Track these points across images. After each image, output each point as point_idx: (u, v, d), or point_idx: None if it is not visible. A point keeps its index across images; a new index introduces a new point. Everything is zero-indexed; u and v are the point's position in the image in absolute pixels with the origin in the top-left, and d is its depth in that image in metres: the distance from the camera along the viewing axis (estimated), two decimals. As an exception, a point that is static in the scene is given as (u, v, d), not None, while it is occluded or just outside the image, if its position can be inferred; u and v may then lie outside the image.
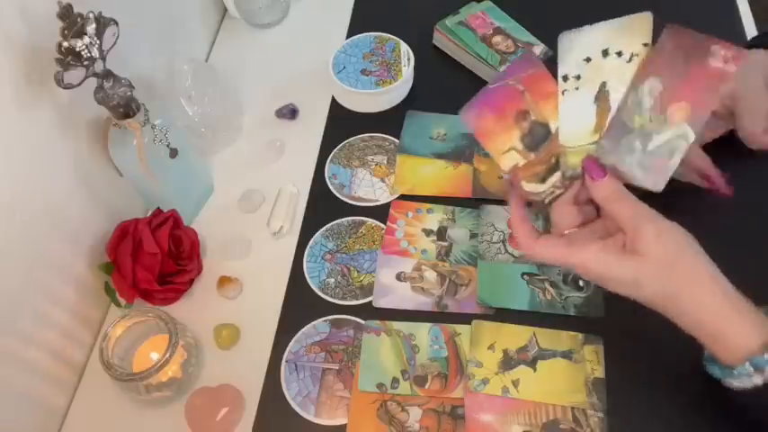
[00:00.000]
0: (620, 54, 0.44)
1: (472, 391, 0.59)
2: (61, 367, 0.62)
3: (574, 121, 0.46)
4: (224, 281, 0.68)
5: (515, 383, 0.60)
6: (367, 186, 0.75)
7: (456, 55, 0.87)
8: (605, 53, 0.44)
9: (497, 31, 0.86)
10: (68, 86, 0.52)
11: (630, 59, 0.44)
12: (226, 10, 0.94)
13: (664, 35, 0.43)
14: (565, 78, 0.45)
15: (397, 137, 0.79)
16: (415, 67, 0.83)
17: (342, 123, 0.82)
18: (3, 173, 0.52)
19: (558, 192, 0.48)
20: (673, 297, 0.45)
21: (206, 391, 0.61)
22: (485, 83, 0.83)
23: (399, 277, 0.68)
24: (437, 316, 0.65)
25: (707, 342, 0.46)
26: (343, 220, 0.73)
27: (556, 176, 0.48)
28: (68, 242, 0.62)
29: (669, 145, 0.44)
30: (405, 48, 0.84)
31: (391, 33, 0.86)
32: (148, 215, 0.69)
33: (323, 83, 0.84)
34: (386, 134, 0.80)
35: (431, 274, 0.68)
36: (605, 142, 0.46)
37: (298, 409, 0.60)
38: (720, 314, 0.44)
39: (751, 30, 0.88)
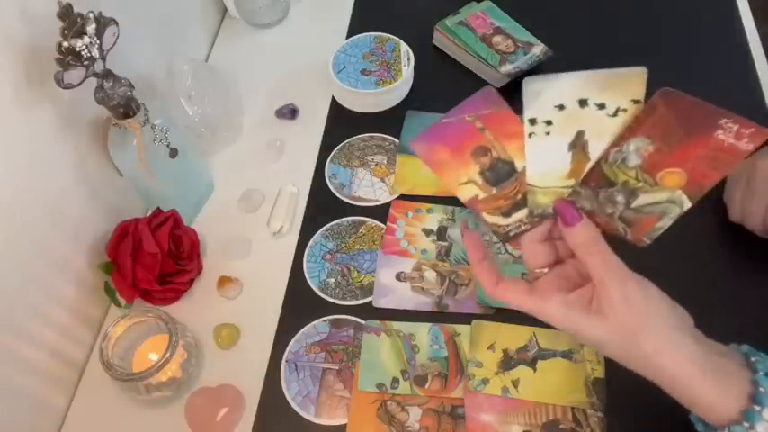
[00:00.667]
0: (602, 107, 0.41)
1: (472, 390, 0.59)
2: (61, 367, 0.62)
3: (544, 164, 0.44)
4: (224, 281, 0.68)
5: (515, 383, 0.60)
6: (367, 186, 0.75)
7: (456, 55, 0.87)
8: (583, 103, 0.41)
9: (497, 31, 0.86)
10: (68, 86, 0.52)
11: (615, 114, 0.41)
12: (226, 10, 0.94)
13: (657, 97, 0.40)
14: (532, 122, 0.42)
15: (397, 137, 0.79)
16: (415, 67, 0.83)
17: (342, 123, 0.82)
18: (3, 172, 0.52)
19: (524, 227, 0.46)
20: (639, 363, 0.43)
21: (206, 391, 0.61)
22: (485, 83, 0.84)
23: (399, 277, 0.68)
24: (437, 316, 0.65)
25: (685, 405, 0.44)
26: (343, 220, 0.73)
27: (522, 213, 0.45)
28: (68, 242, 0.62)
29: (659, 207, 0.42)
30: (405, 48, 0.84)
31: (391, 33, 0.86)
32: (148, 215, 0.69)
33: (323, 83, 0.84)
34: (386, 134, 0.80)
35: (431, 274, 0.68)
36: (583, 189, 0.43)
37: (298, 409, 0.60)
38: (693, 385, 0.42)
39: (751, 29, 0.88)
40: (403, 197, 0.74)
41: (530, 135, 0.43)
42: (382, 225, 0.72)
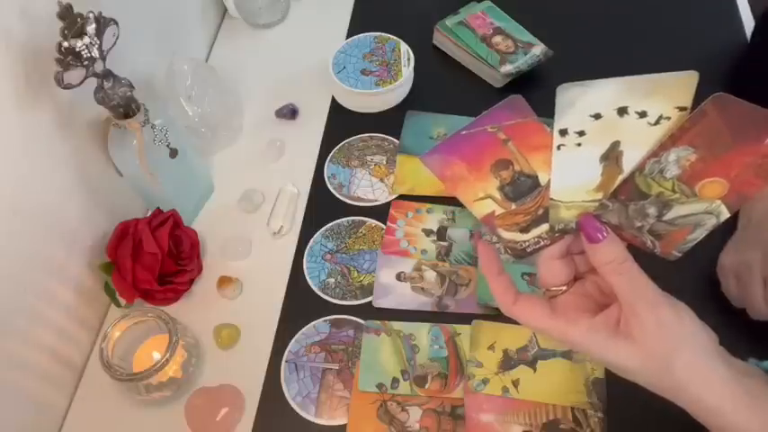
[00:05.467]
0: (643, 114, 0.38)
1: (472, 391, 0.59)
2: (61, 368, 0.62)
3: (571, 177, 0.40)
4: (224, 281, 0.68)
5: (515, 383, 0.60)
6: (366, 186, 0.75)
7: (456, 55, 0.87)
8: (622, 111, 0.38)
9: (497, 31, 0.86)
10: (68, 86, 0.52)
11: (657, 122, 0.38)
12: (226, 10, 0.94)
13: (709, 103, 0.37)
14: (563, 133, 0.39)
15: (397, 137, 0.79)
16: (415, 67, 0.83)
17: (342, 123, 0.82)
18: (3, 173, 0.52)
19: (543, 242, 0.43)
20: (669, 391, 0.41)
21: (206, 391, 0.61)
22: (485, 83, 0.84)
23: (399, 277, 0.68)
24: (437, 316, 0.65)
25: (712, 430, 0.42)
26: (343, 220, 0.73)
27: (541, 228, 0.42)
28: (68, 242, 0.62)
29: (694, 218, 0.39)
30: (405, 48, 0.84)
31: (391, 33, 0.86)
32: (148, 215, 0.69)
33: (323, 83, 0.84)
34: (386, 134, 0.80)
35: (431, 274, 0.68)
36: (611, 203, 0.40)
37: (298, 409, 0.60)
38: (724, 410, 0.40)
39: (751, 29, 0.88)
40: (403, 197, 0.74)
41: (558, 147, 0.39)
42: (382, 225, 0.72)
